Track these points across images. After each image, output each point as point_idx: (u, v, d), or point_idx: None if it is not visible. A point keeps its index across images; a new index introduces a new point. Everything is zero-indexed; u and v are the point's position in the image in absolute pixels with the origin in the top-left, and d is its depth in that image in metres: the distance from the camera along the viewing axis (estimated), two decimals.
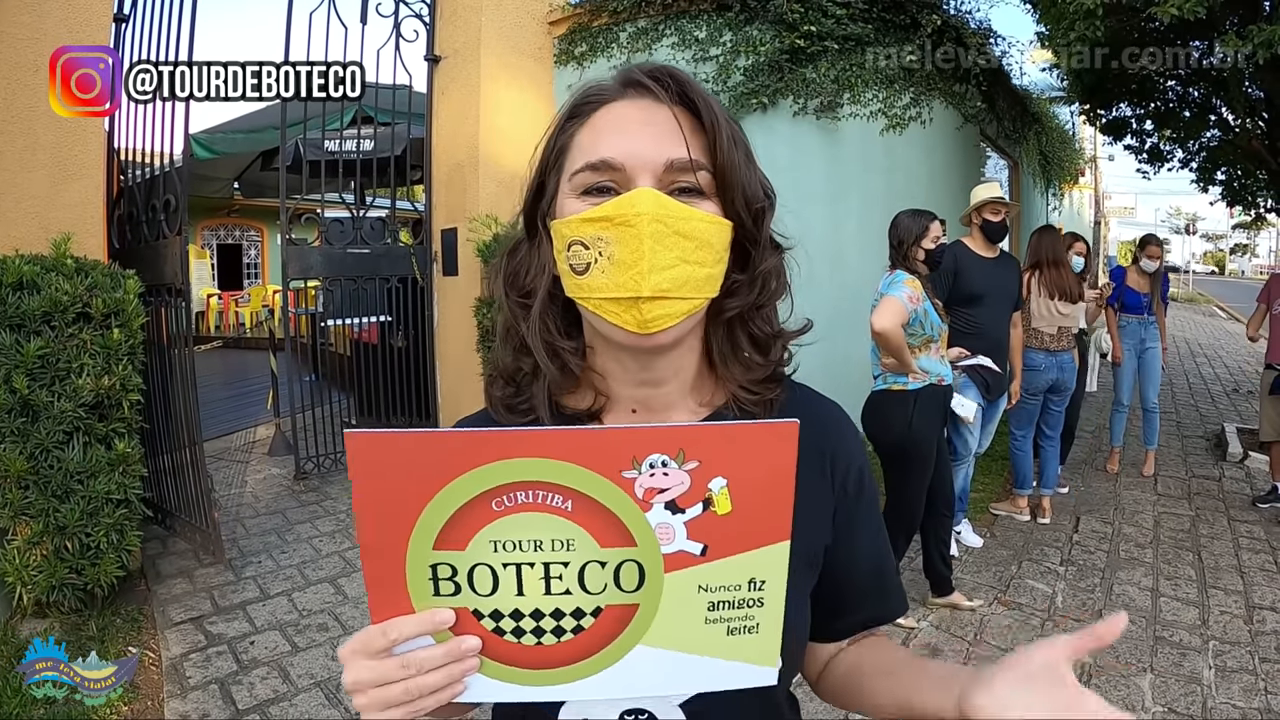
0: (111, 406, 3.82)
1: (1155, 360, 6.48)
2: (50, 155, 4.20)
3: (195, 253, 17.98)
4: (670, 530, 0.71)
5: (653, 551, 0.72)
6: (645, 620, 0.74)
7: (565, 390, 0.92)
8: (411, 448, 0.67)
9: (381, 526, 0.70)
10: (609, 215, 0.78)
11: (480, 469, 0.68)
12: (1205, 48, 7.59)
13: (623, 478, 0.69)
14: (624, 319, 0.79)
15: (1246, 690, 3.54)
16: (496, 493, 0.69)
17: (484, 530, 0.70)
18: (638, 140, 0.81)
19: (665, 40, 5.96)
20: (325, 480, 6.26)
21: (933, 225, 3.98)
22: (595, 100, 0.87)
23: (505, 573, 0.72)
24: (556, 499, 0.69)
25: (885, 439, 4.00)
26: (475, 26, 5.97)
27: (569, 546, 0.71)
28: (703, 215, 0.81)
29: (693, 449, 0.69)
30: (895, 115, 6.65)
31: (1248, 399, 9.73)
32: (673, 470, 0.69)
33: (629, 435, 0.68)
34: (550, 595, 0.73)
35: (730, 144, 0.83)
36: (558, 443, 0.68)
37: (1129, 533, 5.41)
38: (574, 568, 0.72)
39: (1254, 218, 11.55)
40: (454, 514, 0.69)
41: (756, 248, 0.89)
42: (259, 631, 3.94)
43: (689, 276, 0.79)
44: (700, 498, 0.70)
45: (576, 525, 0.70)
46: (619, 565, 0.72)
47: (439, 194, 6.50)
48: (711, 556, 0.73)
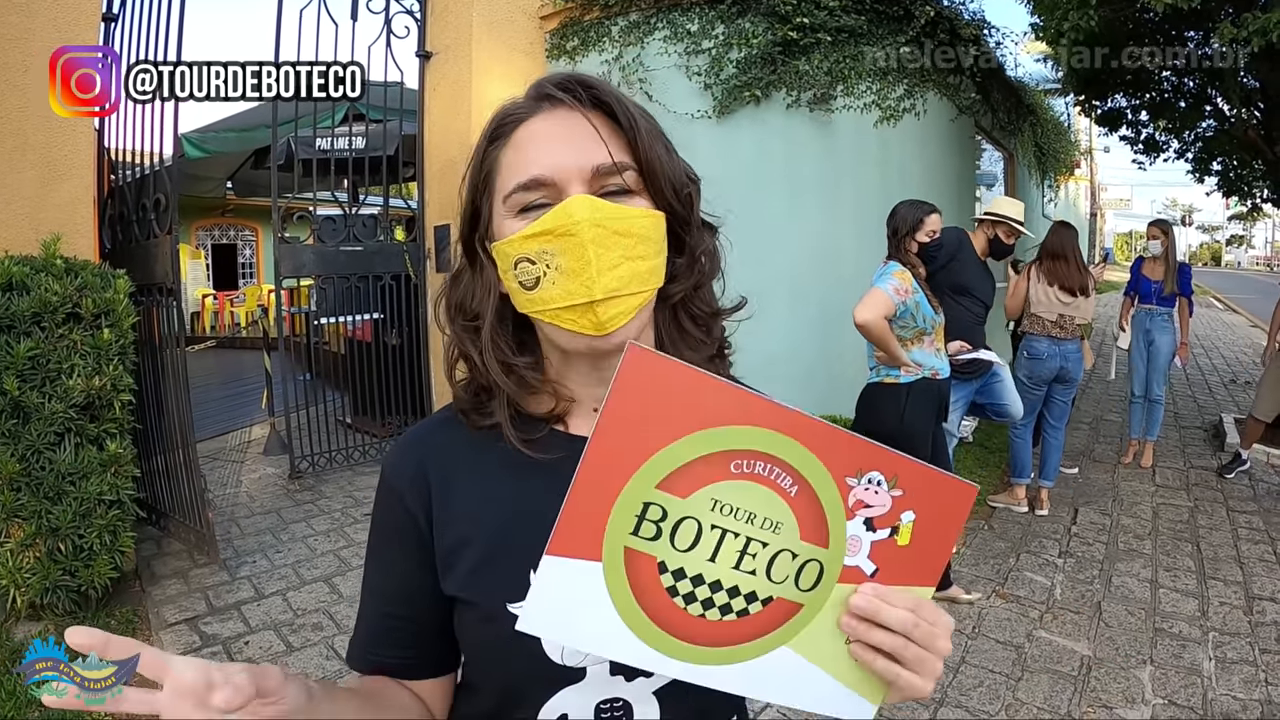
0: (103, 407, 3.79)
1: (1161, 352, 6.45)
2: (40, 155, 4.17)
3: (190, 253, 17.95)
4: (859, 543, 0.75)
5: (838, 558, 0.75)
6: (801, 623, 0.77)
7: (524, 399, 0.93)
8: (686, 382, 0.68)
9: (619, 448, 0.69)
10: (549, 228, 0.81)
11: (739, 428, 0.69)
12: (1200, 38, 7.58)
13: (845, 483, 0.72)
14: (581, 324, 0.82)
15: (1247, 681, 3.54)
16: (740, 455, 0.70)
17: (711, 486, 0.71)
18: (561, 152, 0.84)
19: (657, 34, 5.94)
20: (320, 479, 6.24)
21: (930, 217, 3.97)
22: (513, 120, 0.89)
23: (709, 534, 0.72)
24: (787, 480, 0.72)
25: (877, 431, 3.94)
26: (466, 22, 5.95)
27: (776, 529, 0.73)
28: (637, 212, 0.84)
29: (905, 478, 0.73)
30: (889, 107, 6.63)
31: (1245, 390, 9.72)
32: (882, 491, 0.73)
33: (865, 447, 0.72)
34: (737, 571, 0.74)
35: (650, 139, 0.86)
36: (812, 432, 0.70)
37: (1127, 524, 5.40)
38: (770, 550, 0.74)
39: (1250, 208, 11.53)
40: (692, 460, 0.70)
41: (690, 231, 0.93)
42: (254, 631, 3.93)
43: (634, 272, 0.82)
44: (892, 523, 0.74)
45: (791, 511, 0.73)
46: (805, 563, 0.75)
47: (432, 190, 6.48)
48: (878, 580, 0.76)
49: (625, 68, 5.98)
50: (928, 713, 3.32)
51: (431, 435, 0.98)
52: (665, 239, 0.88)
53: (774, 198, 6.20)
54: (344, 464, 6.44)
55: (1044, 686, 3.50)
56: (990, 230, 4.96)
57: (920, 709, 3.33)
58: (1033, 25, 8.28)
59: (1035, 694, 3.45)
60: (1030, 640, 3.90)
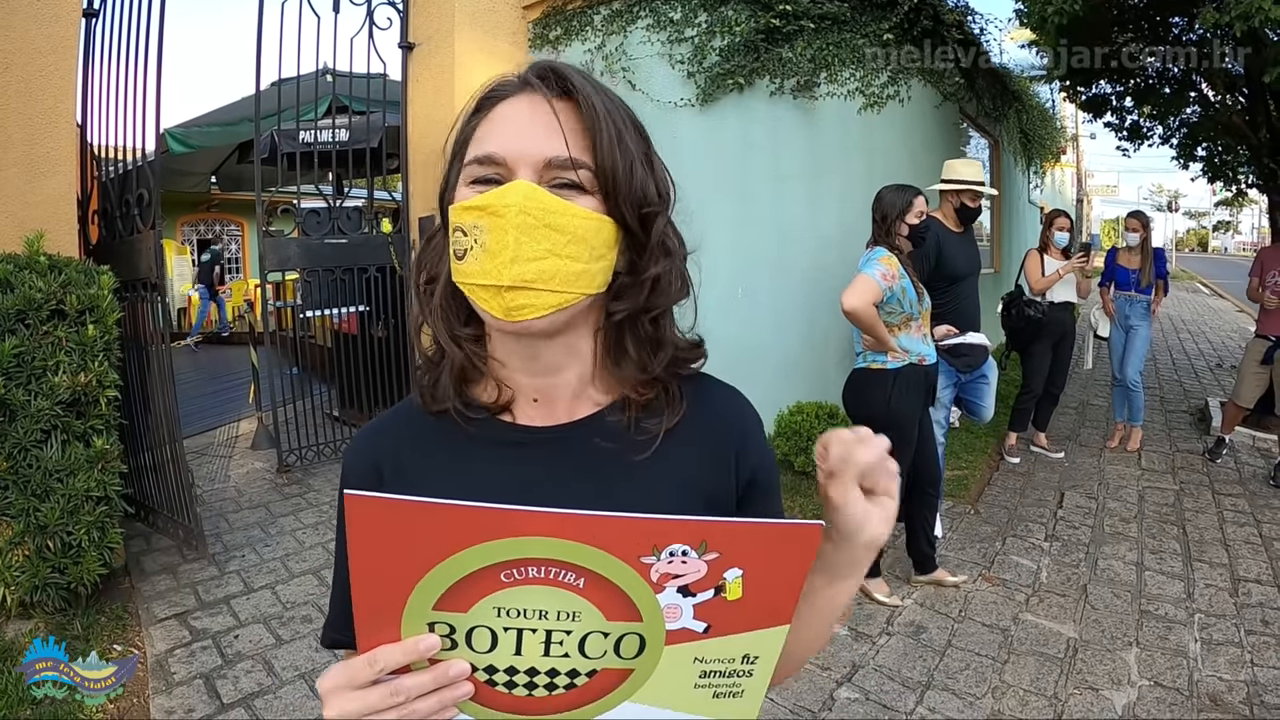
0: (89, 403, 3.78)
1: (1139, 337, 6.52)
2: (21, 153, 4.15)
3: (175, 249, 17.85)
4: (678, 610, 0.72)
5: (657, 627, 0.72)
6: (637, 682, 0.75)
7: (471, 380, 0.95)
8: (419, 516, 0.65)
9: (379, 586, 0.68)
10: (484, 205, 0.81)
11: (493, 543, 0.66)
12: (1184, 23, 7.60)
13: (640, 563, 0.68)
14: (490, 305, 0.82)
15: (1232, 663, 3.57)
16: (507, 565, 0.67)
17: (489, 597, 0.69)
18: (522, 137, 0.84)
19: (640, 22, 5.92)
20: (308, 473, 6.23)
21: (917, 200, 3.98)
22: (495, 96, 0.90)
23: (506, 635, 0.71)
24: (569, 576, 0.68)
25: (864, 417, 3.99)
26: (449, 12, 5.92)
27: (575, 618, 0.71)
28: (577, 210, 0.83)
29: (715, 541, 0.69)
30: (873, 94, 6.62)
31: (1230, 374, 9.77)
32: (692, 559, 0.69)
33: (653, 525, 0.67)
34: (549, 657, 0.72)
35: (612, 144, 0.84)
36: (579, 526, 0.66)
37: (1113, 507, 5.43)
38: (576, 636, 0.72)
39: (1235, 193, 11.56)
40: (459, 580, 0.68)
41: (644, 251, 0.90)
42: (243, 625, 3.93)
43: (558, 270, 0.81)
44: (714, 584, 0.70)
45: (586, 600, 0.70)
46: (621, 636, 0.72)
47: (416, 182, 6.46)
48: (713, 635, 0.73)
49: (608, 56, 5.96)
50: (914, 695, 3.34)
51: (388, 426, 1.00)
52: (611, 247, 0.87)
53: (758, 185, 6.19)
54: (332, 457, 6.43)
55: (1030, 669, 3.53)
56: (955, 200, 4.91)
57: (907, 691, 3.36)
58: (1016, 12, 8.28)
59: (1022, 676, 3.47)
60: (1016, 623, 3.93)
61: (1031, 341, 6.35)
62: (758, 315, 6.10)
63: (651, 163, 0.91)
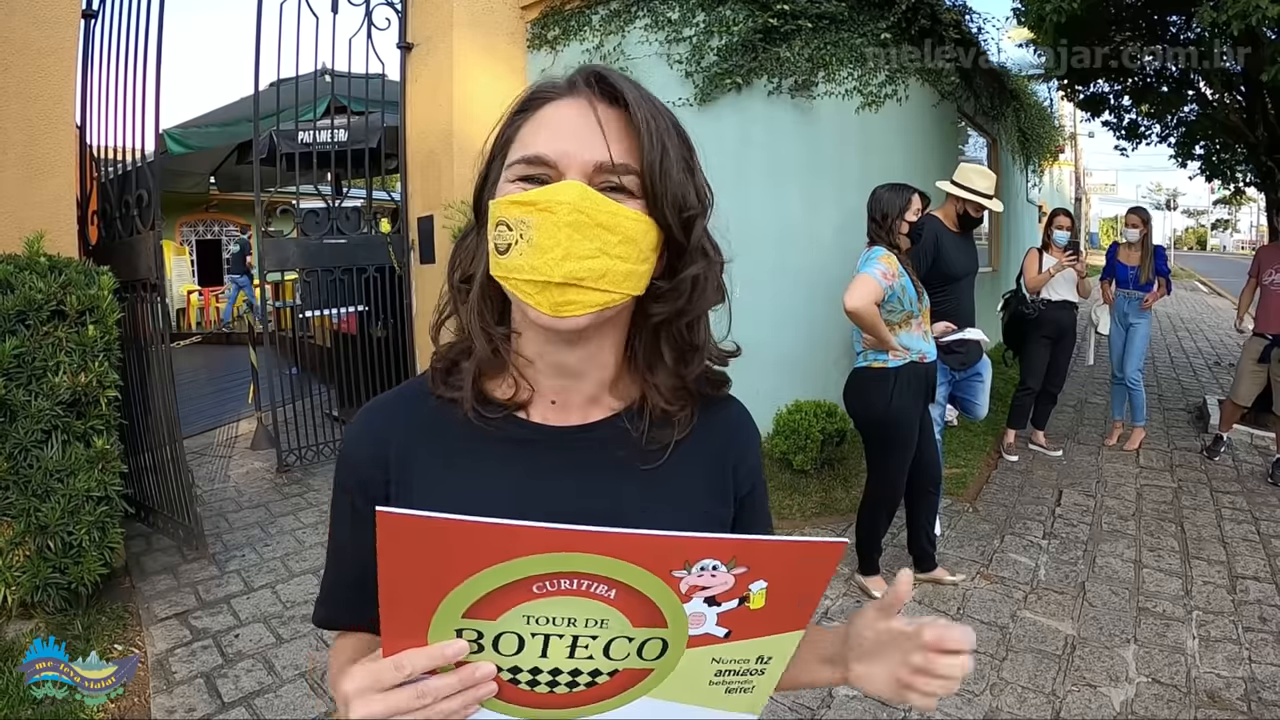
0: (89, 404, 3.79)
1: (1139, 334, 6.53)
2: (21, 154, 4.15)
3: (174, 249, 17.86)
4: (702, 617, 0.74)
5: (680, 632, 0.75)
6: (656, 679, 0.79)
7: (491, 374, 0.95)
8: (455, 533, 0.66)
9: (408, 597, 0.69)
10: (534, 200, 0.81)
11: (527, 558, 0.67)
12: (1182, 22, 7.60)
13: (671, 576, 0.70)
14: (537, 300, 0.82)
15: (1230, 659, 3.58)
16: (540, 579, 0.68)
17: (519, 606, 0.70)
18: (572, 140, 0.84)
19: (638, 22, 5.93)
20: (308, 472, 6.24)
21: (914, 199, 3.98)
22: (542, 97, 0.90)
23: (533, 640, 0.72)
24: (602, 588, 0.70)
25: (865, 416, 4.01)
26: (447, 12, 5.93)
27: (602, 625, 0.72)
28: (628, 212, 0.83)
29: (745, 557, 0.71)
30: (871, 93, 6.62)
31: (1229, 371, 9.77)
32: (720, 573, 0.71)
33: (689, 543, 0.69)
34: (573, 659, 0.74)
35: (657, 149, 0.85)
36: (614, 544, 0.68)
37: (1111, 505, 5.44)
38: (602, 641, 0.74)
39: (1233, 191, 11.55)
40: (489, 592, 0.69)
41: (683, 254, 0.91)
42: (243, 624, 3.94)
43: (608, 269, 0.82)
44: (739, 595, 0.73)
45: (615, 609, 0.72)
46: (645, 640, 0.75)
47: (414, 182, 6.47)
48: (732, 639, 0.77)
49: (606, 56, 5.96)
50: None
51: (392, 408, 1.00)
52: (655, 250, 0.88)
53: (756, 185, 6.19)
54: (331, 457, 6.42)
55: (1029, 666, 3.54)
56: (959, 205, 4.88)
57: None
58: (1014, 10, 8.29)
59: (1020, 673, 3.48)
60: (1015, 620, 3.94)
61: (1026, 338, 6.37)
62: (756, 313, 6.10)
63: (692, 168, 0.91)
